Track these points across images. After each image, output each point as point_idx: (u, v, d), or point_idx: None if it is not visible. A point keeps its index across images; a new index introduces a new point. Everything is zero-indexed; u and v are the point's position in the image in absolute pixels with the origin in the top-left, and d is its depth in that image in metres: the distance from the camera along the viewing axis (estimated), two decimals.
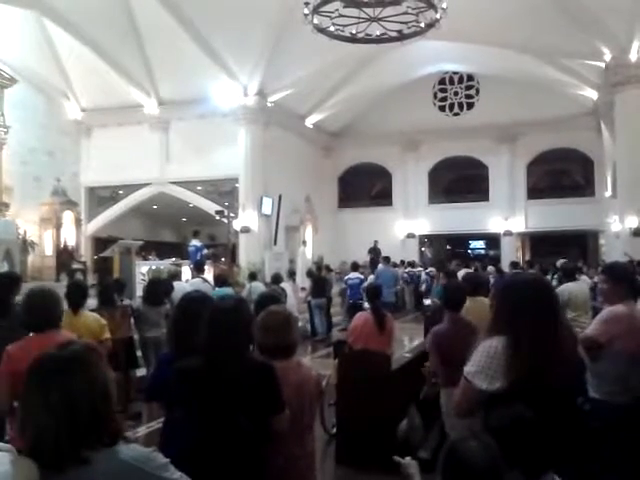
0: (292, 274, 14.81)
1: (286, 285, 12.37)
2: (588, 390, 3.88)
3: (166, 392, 2.94)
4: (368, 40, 12.25)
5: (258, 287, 11.26)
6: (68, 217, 18.89)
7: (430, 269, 19.86)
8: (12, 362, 3.42)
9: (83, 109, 21.61)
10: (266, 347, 3.02)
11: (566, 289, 7.13)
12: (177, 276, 10.14)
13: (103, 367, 1.68)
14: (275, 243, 20.95)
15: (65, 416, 1.55)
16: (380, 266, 18.05)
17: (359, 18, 11.49)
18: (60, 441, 1.54)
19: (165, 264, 14.84)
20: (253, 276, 12.58)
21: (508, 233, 24.76)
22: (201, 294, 3.71)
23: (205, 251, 16.71)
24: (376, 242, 22.28)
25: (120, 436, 1.67)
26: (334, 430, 6.05)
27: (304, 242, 21.66)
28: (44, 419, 1.55)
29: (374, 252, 21.68)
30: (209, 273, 13.66)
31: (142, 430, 6.71)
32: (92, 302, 7.25)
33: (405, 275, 20.01)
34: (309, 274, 15.42)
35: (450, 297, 4.75)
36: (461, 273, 11.31)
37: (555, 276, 11.49)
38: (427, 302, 14.79)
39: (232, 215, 18.15)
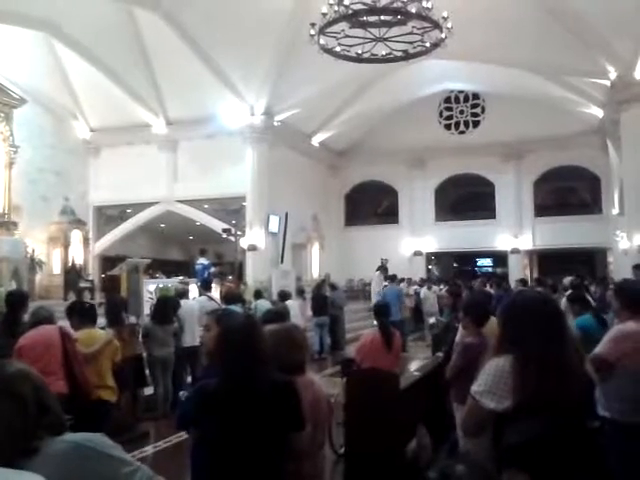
0: (301, 292, 14.74)
1: (294, 303, 12.32)
2: (597, 408, 3.85)
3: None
4: (374, 60, 12.37)
5: (264, 305, 11.20)
6: (76, 236, 19.01)
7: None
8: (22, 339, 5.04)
9: (91, 129, 21.81)
10: (281, 364, 2.97)
11: None
12: (185, 294, 10.08)
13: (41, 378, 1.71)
14: (282, 261, 20.96)
15: (16, 417, 1.56)
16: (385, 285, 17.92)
17: (365, 38, 11.59)
18: (15, 437, 1.54)
19: (173, 282, 14.83)
20: (259, 294, 12.45)
21: (515, 251, 24.70)
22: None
23: (212, 269, 16.70)
24: (383, 260, 22.11)
25: (66, 428, 1.65)
26: (342, 450, 6.00)
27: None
28: None
29: (382, 270, 21.50)
30: (216, 291, 13.69)
31: (149, 449, 6.67)
32: (100, 320, 7.26)
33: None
34: (312, 292, 15.32)
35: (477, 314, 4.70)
36: None
37: (565, 293, 11.38)
38: (431, 320, 14.73)
39: (239, 233, 18.20)
